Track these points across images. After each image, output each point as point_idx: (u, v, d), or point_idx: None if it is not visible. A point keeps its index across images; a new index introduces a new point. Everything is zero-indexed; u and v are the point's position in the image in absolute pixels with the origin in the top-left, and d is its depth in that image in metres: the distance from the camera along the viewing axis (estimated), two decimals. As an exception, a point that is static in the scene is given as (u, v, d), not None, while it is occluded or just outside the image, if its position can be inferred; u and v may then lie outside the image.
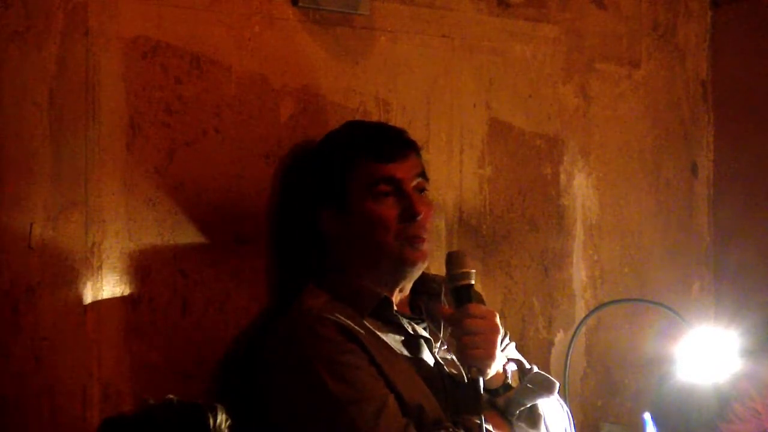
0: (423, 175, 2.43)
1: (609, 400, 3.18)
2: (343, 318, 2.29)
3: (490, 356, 2.26)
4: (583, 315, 2.98)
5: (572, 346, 2.77)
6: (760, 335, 3.00)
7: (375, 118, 2.70)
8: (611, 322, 3.18)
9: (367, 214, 2.36)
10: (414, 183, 2.39)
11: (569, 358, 2.75)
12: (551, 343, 3.06)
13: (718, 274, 3.42)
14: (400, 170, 2.38)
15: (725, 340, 2.76)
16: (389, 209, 2.36)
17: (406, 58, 2.78)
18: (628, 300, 3.21)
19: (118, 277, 2.32)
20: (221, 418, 1.77)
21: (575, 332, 2.80)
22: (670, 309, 2.81)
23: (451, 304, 2.39)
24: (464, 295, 2.32)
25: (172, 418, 1.77)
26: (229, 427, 1.78)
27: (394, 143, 2.41)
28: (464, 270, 2.33)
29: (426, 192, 2.44)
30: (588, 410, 3.13)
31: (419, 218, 2.36)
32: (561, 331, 3.08)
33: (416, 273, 2.42)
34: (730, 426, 2.93)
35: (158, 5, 2.38)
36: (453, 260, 2.36)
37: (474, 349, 2.26)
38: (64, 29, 2.26)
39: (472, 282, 2.33)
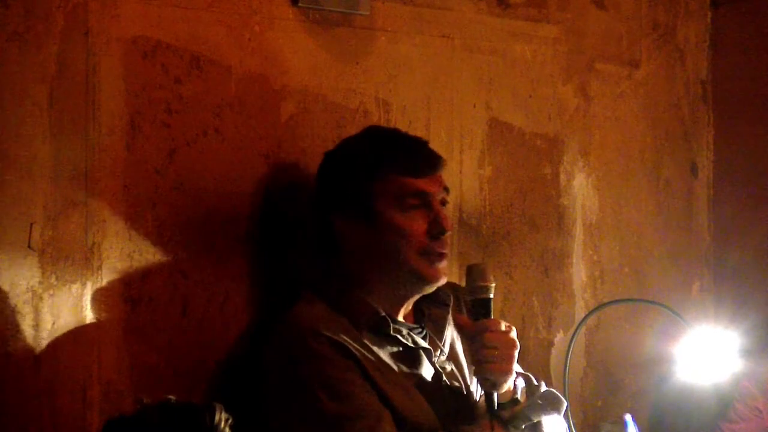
0: (447, 189, 2.41)
1: (609, 400, 3.18)
2: (339, 333, 2.27)
3: (508, 372, 2.27)
4: (583, 315, 2.98)
5: (572, 346, 2.77)
6: (760, 335, 3.00)
7: (375, 118, 2.70)
8: (611, 322, 3.18)
9: (394, 226, 2.32)
10: (440, 197, 2.38)
11: (569, 358, 2.75)
12: (551, 343, 3.06)
13: (718, 274, 3.42)
14: (431, 185, 2.35)
15: (725, 340, 2.76)
16: (417, 223, 2.33)
17: (406, 58, 2.78)
18: (628, 300, 3.21)
19: (118, 277, 2.32)
20: (220, 416, 1.77)
21: (575, 332, 2.80)
22: (670, 309, 2.81)
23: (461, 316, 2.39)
24: (485, 308, 2.31)
25: (170, 418, 1.77)
26: (231, 426, 1.78)
27: (427, 159, 2.39)
28: (486, 284, 2.32)
29: (447, 205, 2.42)
30: (588, 410, 3.13)
31: (446, 234, 2.34)
32: (561, 331, 3.08)
33: (432, 289, 2.40)
34: (732, 425, 2.93)
35: (158, 5, 2.38)
36: (474, 273, 2.34)
37: (492, 364, 2.25)
38: (64, 29, 2.26)
39: (491, 296, 2.32)
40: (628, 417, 2.62)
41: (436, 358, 2.39)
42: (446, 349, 2.42)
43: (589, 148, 3.16)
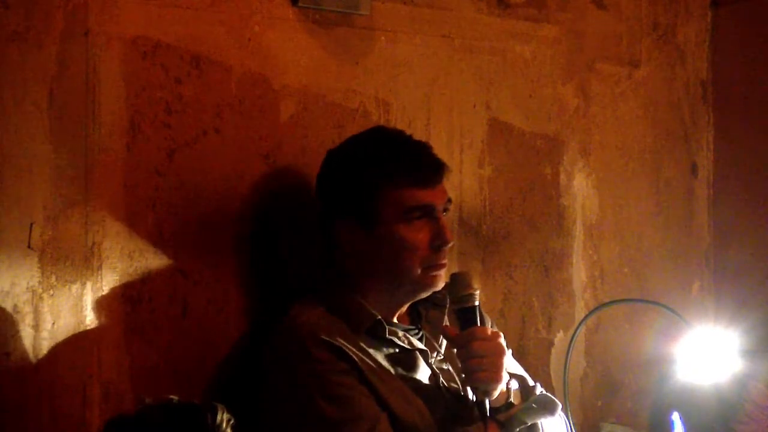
0: (449, 199, 2.39)
1: (609, 400, 3.18)
2: (336, 336, 2.26)
3: (497, 379, 2.25)
4: (583, 315, 2.98)
5: (572, 346, 2.77)
6: (760, 335, 3.00)
7: (375, 118, 2.70)
8: (611, 322, 3.18)
9: (398, 236, 2.30)
10: (443, 207, 2.36)
11: (569, 358, 2.75)
12: (551, 343, 3.06)
13: (718, 274, 3.42)
14: (435, 196, 2.34)
15: (725, 340, 2.76)
16: (420, 234, 2.31)
17: (406, 58, 2.78)
18: (628, 300, 3.21)
19: (118, 277, 2.32)
20: (221, 417, 1.77)
21: (575, 332, 2.80)
22: (670, 309, 2.81)
23: (453, 321, 2.38)
24: (470, 316, 2.30)
25: (171, 418, 1.77)
26: (232, 426, 1.78)
27: (432, 168, 2.36)
28: (470, 292, 2.30)
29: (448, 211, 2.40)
30: (588, 410, 3.13)
31: (448, 246, 2.34)
32: (561, 331, 3.08)
33: (427, 295, 2.39)
34: (742, 426, 2.93)
35: (158, 5, 2.38)
36: (458, 281, 2.33)
37: (481, 372, 2.24)
38: (64, 29, 2.26)
39: (477, 303, 2.31)
40: (675, 416, 2.60)
41: (433, 360, 2.39)
42: (443, 350, 2.41)
43: (589, 148, 3.16)
